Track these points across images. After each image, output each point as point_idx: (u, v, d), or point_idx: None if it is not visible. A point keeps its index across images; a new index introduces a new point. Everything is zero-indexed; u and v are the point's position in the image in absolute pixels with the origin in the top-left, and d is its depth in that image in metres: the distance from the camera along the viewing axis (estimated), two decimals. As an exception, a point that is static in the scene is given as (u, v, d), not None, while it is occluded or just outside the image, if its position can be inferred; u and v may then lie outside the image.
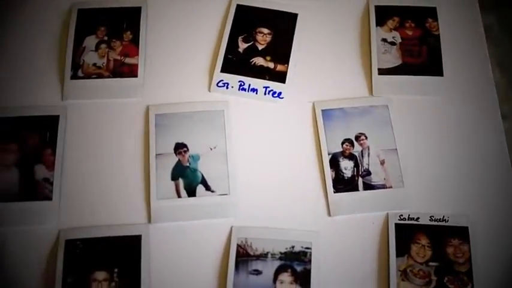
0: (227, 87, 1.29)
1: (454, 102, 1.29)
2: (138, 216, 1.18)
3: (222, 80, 1.30)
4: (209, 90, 1.29)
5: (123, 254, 1.14)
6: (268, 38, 1.34)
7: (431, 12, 1.37)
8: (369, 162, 1.23)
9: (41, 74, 1.31)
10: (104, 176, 1.21)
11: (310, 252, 1.15)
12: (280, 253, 1.15)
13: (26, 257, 1.14)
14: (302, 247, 1.15)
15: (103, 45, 1.32)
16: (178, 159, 1.22)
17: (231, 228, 1.17)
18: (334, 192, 1.21)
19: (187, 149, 1.22)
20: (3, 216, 1.16)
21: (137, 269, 1.12)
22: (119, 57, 1.31)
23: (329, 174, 1.22)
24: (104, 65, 1.30)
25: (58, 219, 1.17)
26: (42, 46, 1.34)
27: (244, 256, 1.15)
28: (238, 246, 1.15)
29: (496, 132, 1.25)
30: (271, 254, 1.15)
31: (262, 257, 1.14)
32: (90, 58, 1.31)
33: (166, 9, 1.38)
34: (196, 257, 1.16)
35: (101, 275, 1.12)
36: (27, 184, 1.19)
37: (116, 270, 1.12)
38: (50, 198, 1.18)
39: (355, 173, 1.22)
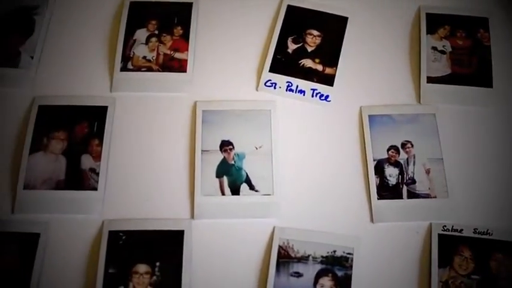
0: (275, 87, 1.28)
1: (503, 115, 1.26)
2: (182, 212, 1.17)
3: (270, 80, 1.28)
4: (257, 90, 1.28)
5: (165, 249, 1.13)
6: (318, 40, 1.32)
7: (483, 23, 1.35)
8: (414, 170, 1.21)
9: (91, 64, 1.30)
10: (149, 169, 1.21)
11: (352, 258, 1.13)
12: (322, 257, 1.13)
13: (69, 245, 1.14)
14: (344, 252, 1.14)
15: (153, 39, 1.31)
16: (224, 157, 1.20)
17: (274, 229, 1.16)
18: (378, 199, 1.19)
19: (233, 147, 1.21)
20: (49, 203, 1.16)
21: (179, 264, 1.11)
22: (168, 52, 1.30)
23: (373, 180, 1.20)
24: (154, 58, 1.29)
25: (102, 210, 1.16)
26: (93, 37, 1.33)
27: (286, 257, 1.13)
28: (280, 247, 1.14)
29: (545, 147, 1.23)
30: (313, 257, 1.13)
31: (304, 259, 1.13)
32: (141, 51, 1.30)
33: (217, 7, 1.37)
34: (237, 255, 1.14)
35: (142, 267, 1.11)
36: (74, 173, 1.18)
37: (157, 264, 1.11)
38: (95, 189, 1.17)
39: (399, 181, 1.20)
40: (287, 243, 1.14)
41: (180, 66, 1.29)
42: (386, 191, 1.19)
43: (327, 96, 1.27)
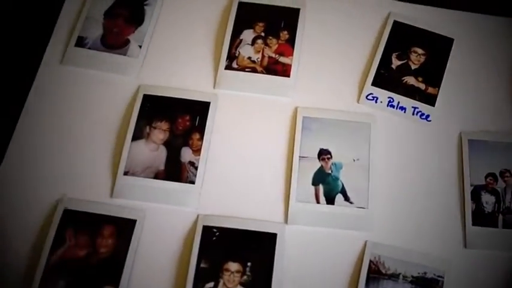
0: (376, 101, 1.25)
1: None
2: (275, 215, 1.15)
3: (372, 94, 1.25)
4: (358, 102, 1.25)
5: (257, 250, 1.11)
6: (422, 59, 1.29)
7: None
8: (511, 200, 1.16)
9: (197, 59, 1.29)
10: (246, 169, 1.19)
11: (443, 282, 1.10)
12: (412, 277, 1.10)
13: (163, 235, 1.13)
14: (435, 274, 1.10)
15: (259, 41, 1.30)
16: (321, 165, 1.18)
17: (365, 243, 1.13)
18: (472, 225, 1.15)
19: (331, 156, 1.19)
20: (147, 192, 1.15)
21: (270, 266, 1.09)
22: (273, 55, 1.28)
23: (469, 206, 1.16)
24: (259, 60, 1.28)
25: (198, 204, 1.15)
26: (201, 33, 1.32)
27: (376, 273, 1.10)
28: (371, 262, 1.11)
29: None
30: (403, 276, 1.10)
31: (394, 277, 1.10)
32: (246, 51, 1.29)
33: (324, 15, 1.34)
34: (328, 264, 1.12)
35: (234, 266, 1.09)
36: (173, 165, 1.17)
37: (248, 264, 1.09)
38: (192, 182, 1.16)
39: (495, 209, 1.16)
40: (378, 259, 1.11)
41: (283, 71, 1.27)
42: (482, 218, 1.15)
43: (428, 116, 1.24)
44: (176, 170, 1.17)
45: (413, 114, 1.24)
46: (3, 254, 1.11)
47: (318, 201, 1.16)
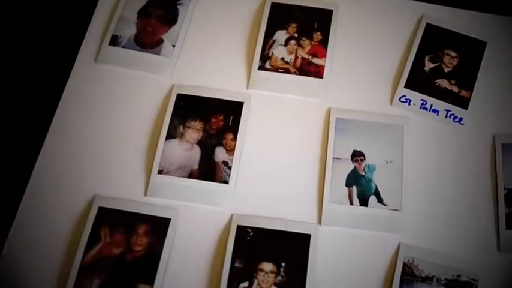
0: (409, 104, 1.24)
1: None
2: (309, 216, 1.15)
3: (405, 96, 1.25)
4: (391, 104, 1.25)
5: (291, 250, 1.11)
6: (455, 62, 1.28)
7: None
8: (545, 204, 1.15)
9: (230, 59, 1.29)
10: (280, 169, 1.19)
11: (477, 285, 1.09)
12: (446, 280, 1.09)
13: (197, 234, 1.13)
14: (469, 277, 1.09)
15: (292, 42, 1.29)
16: (355, 167, 1.18)
17: (399, 245, 1.12)
18: (506, 228, 1.14)
19: (364, 158, 1.18)
20: (181, 191, 1.15)
21: (303, 267, 1.09)
22: (306, 56, 1.28)
23: (503, 209, 1.15)
24: (292, 61, 1.27)
25: (232, 204, 1.14)
26: (233, 33, 1.32)
27: (410, 275, 1.09)
28: (405, 264, 1.10)
29: None
30: (437, 279, 1.09)
31: (428, 280, 1.09)
32: (279, 52, 1.28)
33: (357, 17, 1.34)
34: (361, 265, 1.11)
35: (268, 266, 1.09)
36: (207, 164, 1.17)
37: (282, 264, 1.09)
38: (226, 182, 1.16)
39: (529, 213, 1.15)
40: (412, 261, 1.11)
41: (316, 72, 1.26)
42: (516, 221, 1.14)
43: (461, 119, 1.23)
44: (210, 170, 1.16)
45: (446, 117, 1.24)
46: (38, 252, 1.11)
47: (351, 203, 1.15)
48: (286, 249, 1.10)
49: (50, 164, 1.19)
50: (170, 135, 1.19)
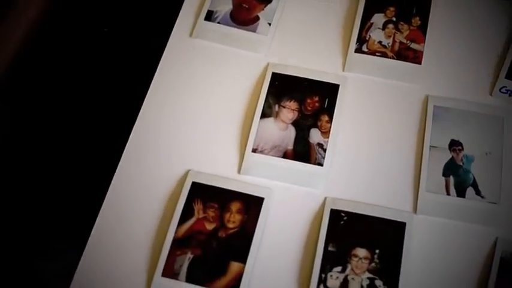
0: (510, 95, 1.19)
1: None
2: (404, 204, 1.11)
3: (506, 87, 1.19)
4: (490, 94, 1.19)
5: (385, 237, 1.07)
6: (559, 54, 1.21)
7: None
8: None
9: (326, 40, 1.26)
10: (374, 154, 1.15)
11: None
12: (546, 277, 1.04)
13: (290, 215, 1.10)
14: None
15: (390, 26, 1.25)
16: (452, 156, 1.13)
17: (496, 239, 1.07)
18: None
19: (462, 148, 1.13)
20: (275, 170, 1.12)
21: (398, 255, 1.05)
22: (405, 41, 1.23)
23: None
24: (389, 45, 1.23)
25: (325, 187, 1.11)
26: (330, 14, 1.29)
27: (507, 271, 1.04)
28: (502, 259, 1.05)
29: None
30: (536, 276, 1.04)
31: (527, 276, 1.04)
32: (377, 35, 1.24)
33: (457, 3, 1.29)
34: (456, 257, 1.07)
35: (362, 252, 1.05)
36: (302, 145, 1.14)
37: (377, 251, 1.05)
38: (321, 164, 1.12)
39: None
40: (510, 257, 1.06)
41: (415, 57, 1.22)
42: None
43: None
44: (305, 151, 1.13)
45: (548, 110, 1.18)
46: (132, 224, 1.10)
47: (448, 193, 1.10)
48: (381, 236, 1.07)
49: (144, 137, 1.17)
50: (265, 114, 1.16)
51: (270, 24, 1.26)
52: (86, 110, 1.41)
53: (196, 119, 1.18)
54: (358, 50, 1.23)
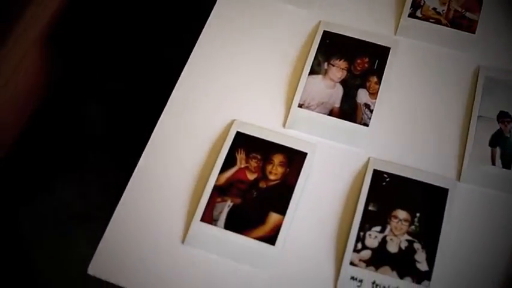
0: None
1: None
2: (447, 170, 1.09)
3: (560, 63, 1.16)
4: (544, 65, 1.17)
5: (426, 202, 1.05)
6: None
7: None
8: None
9: (380, 3, 1.24)
10: (421, 119, 1.13)
11: None
12: None
13: (332, 172, 1.09)
14: None
15: (447, -7, 1.22)
16: (500, 128, 1.11)
17: (539, 213, 1.05)
18: None
19: (511, 120, 1.11)
20: (320, 127, 1.11)
21: (438, 221, 1.04)
22: (459, 9, 1.21)
23: None
24: (444, 12, 1.20)
25: (370, 147, 1.10)
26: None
27: (548, 244, 1.03)
28: (544, 232, 1.03)
29: None
30: None
31: None
32: (431, 2, 1.22)
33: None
34: (496, 228, 1.05)
35: (402, 214, 1.04)
36: (349, 104, 1.13)
37: (417, 215, 1.04)
38: (366, 125, 1.11)
39: None
40: (552, 232, 1.04)
41: (469, 26, 1.19)
42: None
43: None
44: (351, 110, 1.12)
45: None
46: (174, 168, 1.10)
47: (493, 163, 1.08)
48: (422, 200, 1.06)
49: (191, 85, 1.17)
50: (313, 71, 1.15)
51: (324, -18, 1.24)
52: (136, 56, 1.40)
53: (245, 71, 1.17)
54: (412, 15, 1.20)
